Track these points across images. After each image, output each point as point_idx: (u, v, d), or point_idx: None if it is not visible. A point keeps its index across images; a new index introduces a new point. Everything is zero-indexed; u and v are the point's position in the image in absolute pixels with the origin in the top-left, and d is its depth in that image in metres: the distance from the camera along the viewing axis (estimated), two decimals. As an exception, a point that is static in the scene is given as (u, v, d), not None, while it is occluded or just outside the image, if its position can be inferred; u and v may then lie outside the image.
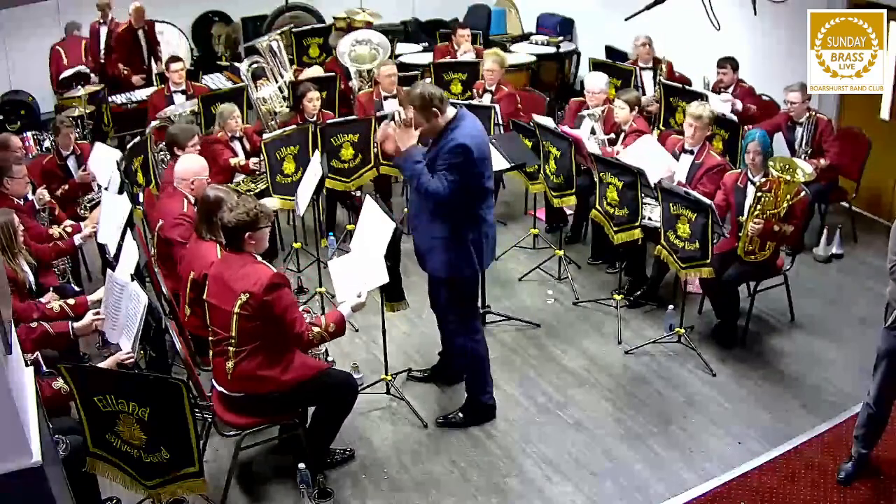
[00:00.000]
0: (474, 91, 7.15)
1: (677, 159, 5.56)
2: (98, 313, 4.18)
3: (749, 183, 5.06)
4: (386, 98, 6.93)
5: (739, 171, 5.22)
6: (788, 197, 4.82)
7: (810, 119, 6.16)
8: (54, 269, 5.19)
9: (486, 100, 6.95)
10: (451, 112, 4.15)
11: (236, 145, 6.34)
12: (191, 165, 4.91)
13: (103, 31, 8.49)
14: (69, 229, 5.16)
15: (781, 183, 4.78)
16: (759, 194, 4.87)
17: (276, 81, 7.42)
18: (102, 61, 8.50)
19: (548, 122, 6.01)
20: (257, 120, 7.32)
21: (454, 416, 4.63)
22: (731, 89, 6.84)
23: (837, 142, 6.17)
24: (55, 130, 6.13)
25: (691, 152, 5.48)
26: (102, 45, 8.48)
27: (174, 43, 9.27)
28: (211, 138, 6.24)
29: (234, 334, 3.74)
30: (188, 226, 4.64)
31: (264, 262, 3.87)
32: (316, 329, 3.83)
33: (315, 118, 6.54)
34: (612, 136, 6.12)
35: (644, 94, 7.32)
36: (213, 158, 6.00)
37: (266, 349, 3.78)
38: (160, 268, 4.78)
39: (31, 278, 4.63)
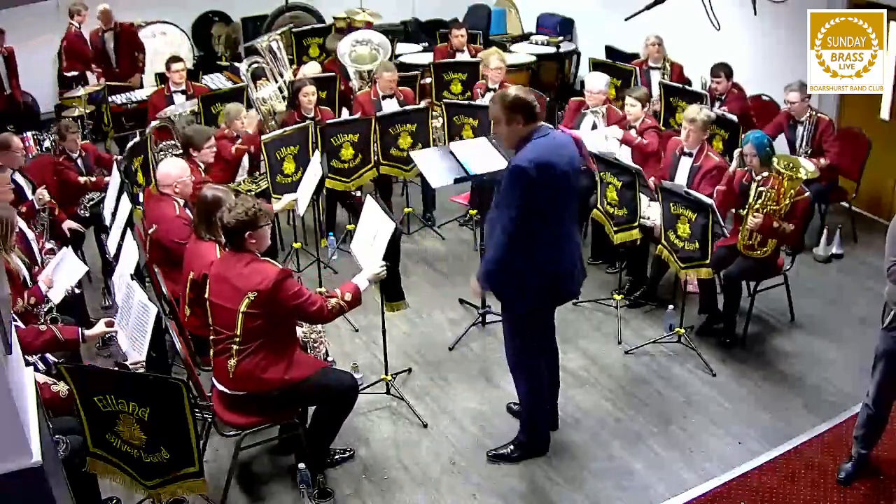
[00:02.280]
0: (477, 91, 7.13)
1: (678, 162, 5.55)
2: (110, 323, 4.17)
3: (753, 181, 5.05)
4: (384, 98, 6.94)
5: (745, 169, 5.22)
6: (792, 193, 4.82)
7: (811, 118, 6.15)
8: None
9: (489, 99, 6.94)
10: (533, 130, 3.83)
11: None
12: (171, 170, 4.91)
13: None
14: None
15: (784, 179, 4.78)
16: (760, 189, 4.87)
17: (276, 81, 7.42)
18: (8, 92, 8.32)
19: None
20: (258, 121, 7.32)
21: (506, 450, 4.40)
22: (724, 97, 6.82)
23: (838, 142, 6.17)
24: (60, 136, 6.13)
25: (690, 155, 5.48)
26: (3, 72, 8.26)
27: (176, 43, 9.26)
28: (220, 135, 6.29)
29: (238, 332, 3.75)
30: (186, 227, 4.65)
31: (267, 259, 3.88)
32: (332, 300, 3.90)
33: (312, 114, 6.55)
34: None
35: (651, 94, 7.32)
36: (217, 153, 6.05)
37: (269, 347, 3.80)
38: (158, 269, 4.78)
39: (25, 272, 4.63)
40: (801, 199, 4.91)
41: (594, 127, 6.21)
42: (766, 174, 4.89)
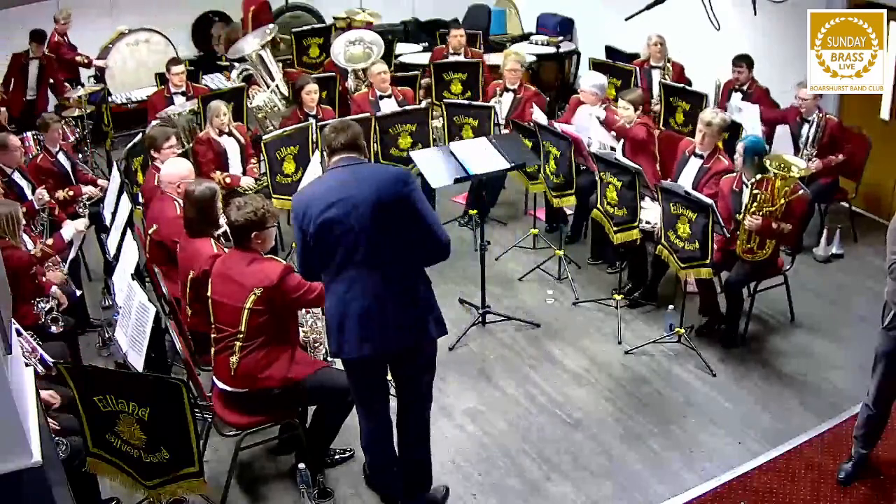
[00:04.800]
0: (494, 90, 7.11)
1: (686, 162, 5.55)
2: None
3: (744, 186, 5.06)
4: (381, 98, 6.94)
5: (734, 174, 5.22)
6: (786, 192, 4.83)
7: (820, 119, 6.14)
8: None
9: (507, 99, 6.93)
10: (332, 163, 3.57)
11: (229, 142, 6.35)
12: (177, 170, 4.90)
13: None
14: (50, 240, 4.85)
15: (777, 179, 4.79)
16: (755, 192, 4.88)
17: (267, 87, 7.42)
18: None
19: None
20: (255, 126, 7.33)
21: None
22: (745, 87, 6.82)
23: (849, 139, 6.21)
24: (43, 126, 6.11)
25: (701, 156, 5.46)
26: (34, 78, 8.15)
27: (161, 51, 9.18)
28: (197, 138, 6.34)
29: (243, 329, 3.77)
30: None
31: (270, 256, 3.89)
32: None
33: (315, 112, 6.56)
34: (613, 133, 6.11)
35: (652, 94, 7.33)
36: (207, 163, 6.15)
37: (272, 344, 3.82)
38: (158, 269, 4.77)
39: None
40: (796, 198, 4.91)
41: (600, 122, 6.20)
42: (758, 177, 4.90)
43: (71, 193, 5.94)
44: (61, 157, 6.13)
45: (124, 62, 8.94)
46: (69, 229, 4.89)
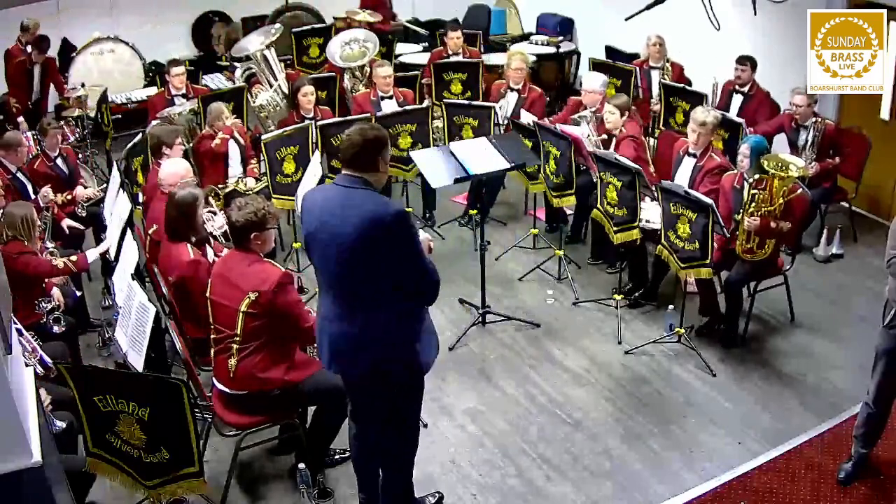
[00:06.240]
0: (498, 90, 7.09)
1: (681, 161, 5.55)
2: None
3: (745, 183, 5.06)
4: (382, 98, 6.94)
5: (735, 172, 5.22)
6: (784, 192, 4.83)
7: (817, 125, 6.13)
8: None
9: (512, 99, 6.92)
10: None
11: (229, 142, 6.34)
12: (176, 170, 4.92)
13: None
14: (74, 258, 4.90)
15: (775, 179, 4.79)
16: (753, 192, 4.88)
17: (270, 87, 7.42)
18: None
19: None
20: (256, 125, 7.33)
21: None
22: (746, 87, 6.81)
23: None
24: (42, 132, 6.12)
25: (694, 156, 5.47)
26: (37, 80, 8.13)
27: (125, 61, 9.13)
28: (199, 136, 6.34)
29: (238, 332, 3.76)
30: None
31: (270, 260, 3.88)
32: None
33: (312, 114, 6.55)
34: (605, 136, 6.11)
35: (651, 94, 7.33)
36: (204, 152, 6.14)
37: (269, 347, 3.81)
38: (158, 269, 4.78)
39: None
40: (795, 197, 4.92)
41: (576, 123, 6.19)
42: (756, 176, 4.90)
43: (69, 198, 5.94)
44: (59, 163, 6.13)
45: (88, 71, 8.85)
46: (94, 253, 5.02)
